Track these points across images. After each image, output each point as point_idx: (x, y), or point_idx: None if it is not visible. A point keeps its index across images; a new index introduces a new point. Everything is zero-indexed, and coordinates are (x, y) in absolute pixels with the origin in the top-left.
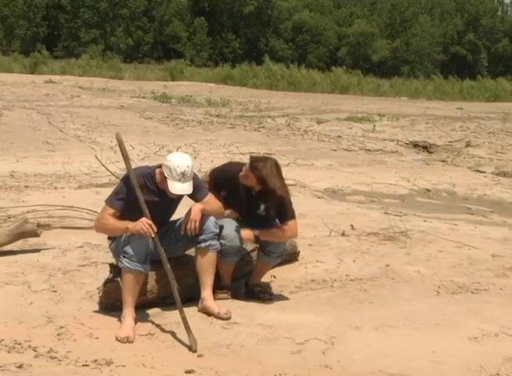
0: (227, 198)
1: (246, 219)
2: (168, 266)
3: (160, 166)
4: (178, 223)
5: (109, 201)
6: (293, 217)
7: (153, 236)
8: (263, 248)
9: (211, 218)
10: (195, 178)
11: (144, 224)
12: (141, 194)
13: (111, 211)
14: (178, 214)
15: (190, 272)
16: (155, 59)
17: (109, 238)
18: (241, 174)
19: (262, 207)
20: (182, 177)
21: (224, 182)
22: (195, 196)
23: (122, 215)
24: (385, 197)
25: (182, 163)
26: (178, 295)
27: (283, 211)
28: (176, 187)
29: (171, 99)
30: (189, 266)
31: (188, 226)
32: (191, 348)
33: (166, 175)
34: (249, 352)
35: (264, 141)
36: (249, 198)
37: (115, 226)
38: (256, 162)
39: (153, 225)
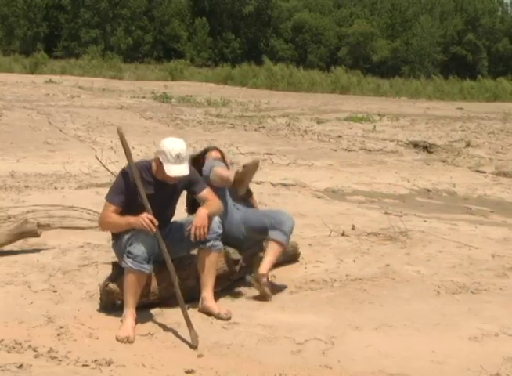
0: None
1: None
2: (170, 262)
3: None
4: (180, 224)
5: (109, 197)
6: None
7: (154, 230)
8: (271, 225)
9: (215, 219)
10: (192, 171)
11: (145, 219)
12: (143, 190)
13: (112, 207)
14: (177, 215)
15: (192, 273)
16: (155, 59)
17: (112, 237)
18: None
19: None
20: (178, 159)
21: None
22: (193, 189)
23: (124, 211)
24: (385, 197)
25: (176, 146)
26: (179, 292)
27: None
28: (173, 170)
29: (171, 99)
30: (191, 268)
31: (197, 233)
32: (192, 345)
33: (161, 159)
34: (249, 352)
35: (264, 141)
36: None
37: (118, 223)
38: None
39: (155, 220)
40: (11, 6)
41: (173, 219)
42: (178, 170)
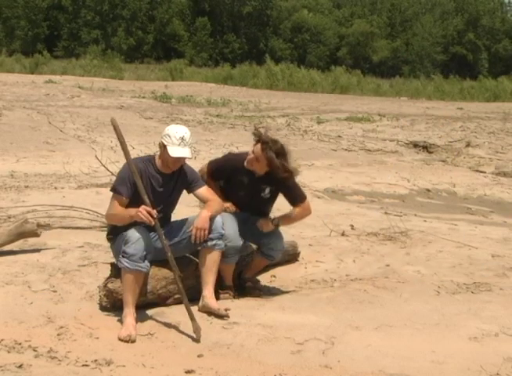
0: (227, 187)
1: (246, 207)
2: (170, 254)
3: None
4: (181, 223)
5: (114, 188)
6: (304, 197)
7: (153, 223)
8: (264, 246)
9: (219, 219)
10: (190, 170)
11: (142, 212)
12: (140, 181)
13: (119, 197)
14: (177, 215)
15: (192, 273)
16: (155, 60)
17: (108, 239)
18: (249, 157)
19: (267, 190)
20: (182, 142)
21: (223, 172)
22: (192, 187)
23: (130, 204)
24: (385, 197)
25: (181, 129)
26: (180, 283)
27: (293, 192)
28: (176, 151)
29: (171, 99)
30: (190, 267)
31: (197, 234)
32: (194, 337)
33: (165, 142)
34: (249, 352)
35: None
36: (252, 183)
37: (121, 215)
38: (267, 141)
39: (153, 212)
40: (12, 7)
41: (173, 219)
42: (181, 152)
